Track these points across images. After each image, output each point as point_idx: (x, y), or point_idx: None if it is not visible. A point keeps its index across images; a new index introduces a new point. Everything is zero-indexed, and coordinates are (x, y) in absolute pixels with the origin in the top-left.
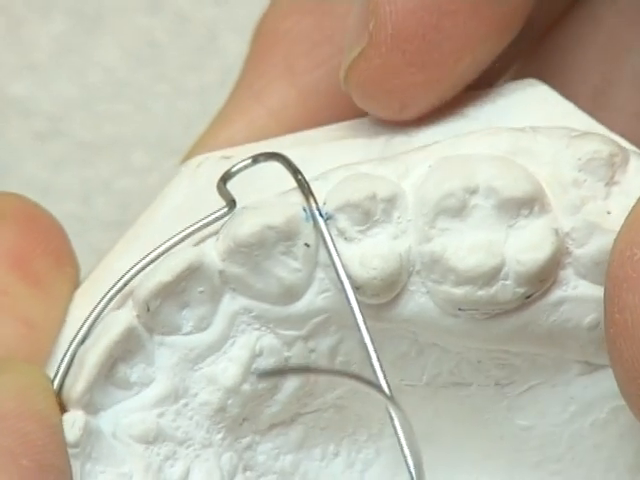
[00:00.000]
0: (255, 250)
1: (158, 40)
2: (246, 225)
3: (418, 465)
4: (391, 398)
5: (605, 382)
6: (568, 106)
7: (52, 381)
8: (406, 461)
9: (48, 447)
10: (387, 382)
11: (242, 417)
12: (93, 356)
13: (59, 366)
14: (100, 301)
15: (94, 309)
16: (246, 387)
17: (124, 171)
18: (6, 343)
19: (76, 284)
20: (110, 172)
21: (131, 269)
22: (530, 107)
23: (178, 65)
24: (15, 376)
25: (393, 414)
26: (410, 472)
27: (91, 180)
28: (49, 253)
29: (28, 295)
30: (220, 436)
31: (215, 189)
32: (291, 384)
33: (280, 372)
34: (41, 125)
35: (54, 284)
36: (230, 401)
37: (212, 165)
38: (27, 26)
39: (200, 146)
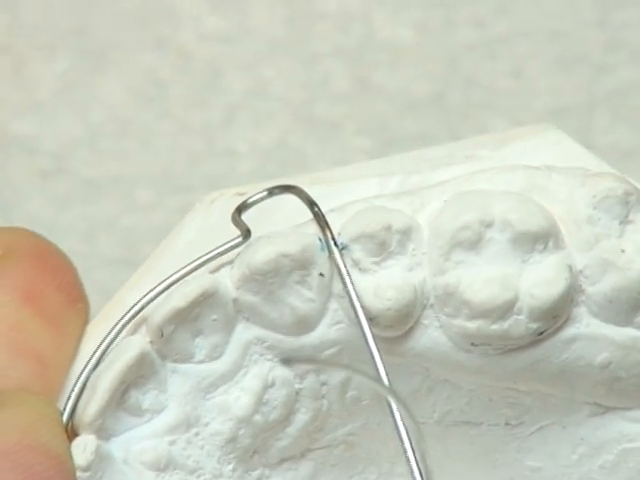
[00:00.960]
0: (269, 278)
1: (162, 78)
2: (261, 252)
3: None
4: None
5: (615, 424)
6: (582, 150)
7: (64, 407)
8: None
9: (54, 479)
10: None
11: (253, 449)
12: (106, 380)
13: (71, 390)
14: (114, 327)
15: (107, 335)
16: (258, 418)
17: (128, 209)
18: (19, 379)
19: (87, 320)
20: (114, 210)
21: (145, 296)
22: (545, 149)
23: (182, 102)
24: (20, 409)
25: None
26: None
27: (95, 218)
28: (62, 289)
29: (41, 331)
30: (231, 467)
31: (229, 224)
32: (302, 417)
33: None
34: (45, 163)
35: (67, 320)
36: (241, 431)
37: (226, 201)
38: (31, 64)
39: None
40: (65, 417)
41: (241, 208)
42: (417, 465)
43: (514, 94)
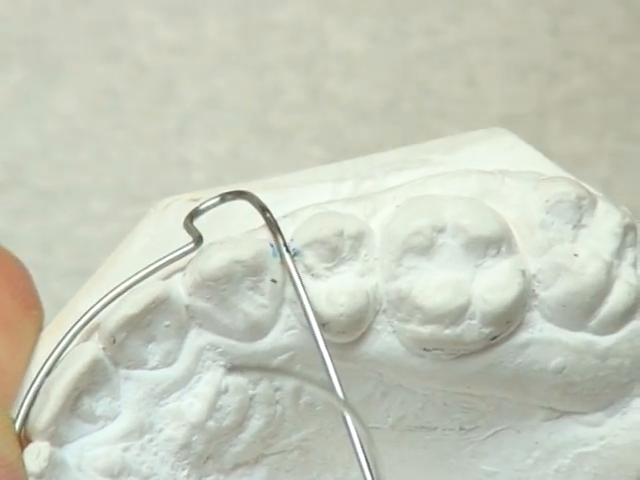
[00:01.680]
0: (222, 284)
1: (116, 88)
2: (213, 259)
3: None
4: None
5: (570, 428)
6: (536, 154)
7: (17, 414)
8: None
9: None
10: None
11: (207, 455)
12: (59, 387)
13: (24, 397)
14: (66, 334)
15: (60, 342)
16: (211, 424)
17: (83, 219)
18: None
19: (41, 327)
20: (69, 220)
21: (97, 303)
22: (498, 153)
23: (136, 113)
24: None
25: (353, 429)
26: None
27: (50, 229)
28: (16, 296)
29: None
30: (185, 473)
31: (182, 231)
32: (256, 423)
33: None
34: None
35: (21, 327)
36: (195, 437)
37: (179, 207)
38: None
39: None
40: (18, 424)
41: (193, 214)
42: (370, 472)
43: (467, 102)
